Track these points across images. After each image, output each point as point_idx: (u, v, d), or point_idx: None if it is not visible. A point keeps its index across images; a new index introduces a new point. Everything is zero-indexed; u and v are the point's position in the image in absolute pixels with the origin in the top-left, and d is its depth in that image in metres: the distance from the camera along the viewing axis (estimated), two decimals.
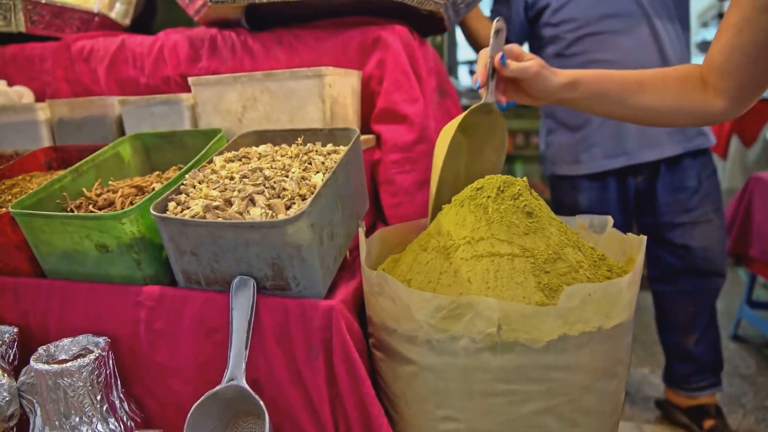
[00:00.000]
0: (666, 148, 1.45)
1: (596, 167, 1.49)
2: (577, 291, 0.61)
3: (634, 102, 0.83)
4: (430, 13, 1.06)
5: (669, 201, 1.50)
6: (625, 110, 0.85)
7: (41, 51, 1.27)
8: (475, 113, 0.84)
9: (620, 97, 0.84)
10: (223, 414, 0.70)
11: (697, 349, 1.60)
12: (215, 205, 0.71)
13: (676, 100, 0.82)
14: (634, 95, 0.83)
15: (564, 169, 1.56)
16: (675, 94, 0.82)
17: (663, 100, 0.82)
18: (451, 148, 0.83)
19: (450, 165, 0.87)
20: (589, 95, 0.84)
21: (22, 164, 1.03)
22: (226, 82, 0.97)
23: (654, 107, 0.83)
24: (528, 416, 0.65)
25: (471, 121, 0.86)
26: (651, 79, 0.83)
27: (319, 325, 0.70)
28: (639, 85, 0.83)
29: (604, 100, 0.84)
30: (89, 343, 0.76)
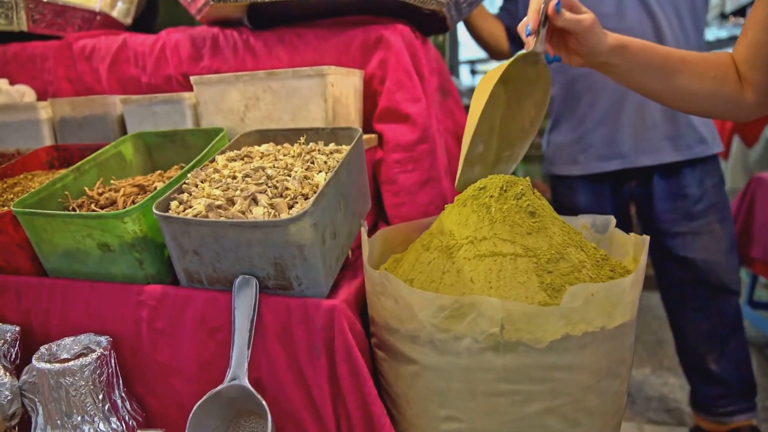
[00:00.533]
0: (662, 154, 1.39)
1: (591, 168, 1.45)
2: (580, 291, 0.61)
3: (674, 80, 0.81)
4: (433, 12, 1.06)
5: (667, 208, 1.44)
6: (664, 87, 0.82)
7: (43, 50, 1.27)
8: (520, 62, 0.79)
9: (663, 72, 0.81)
10: (226, 413, 0.70)
11: (719, 369, 1.48)
12: (218, 205, 0.71)
13: (715, 85, 0.80)
14: (675, 73, 0.80)
15: (561, 169, 1.53)
16: (714, 79, 0.80)
17: (702, 83, 0.80)
18: (490, 98, 0.78)
19: (486, 117, 0.82)
20: (634, 64, 0.81)
21: (24, 163, 1.03)
22: (228, 81, 0.97)
23: (693, 89, 0.80)
24: (531, 416, 0.65)
25: (515, 70, 0.80)
26: (692, 59, 0.81)
27: (322, 325, 0.70)
28: (682, 63, 0.80)
29: (647, 72, 0.81)
30: (91, 342, 0.76)
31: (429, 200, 1.03)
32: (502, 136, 0.82)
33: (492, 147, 0.82)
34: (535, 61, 0.81)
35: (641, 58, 0.80)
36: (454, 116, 1.28)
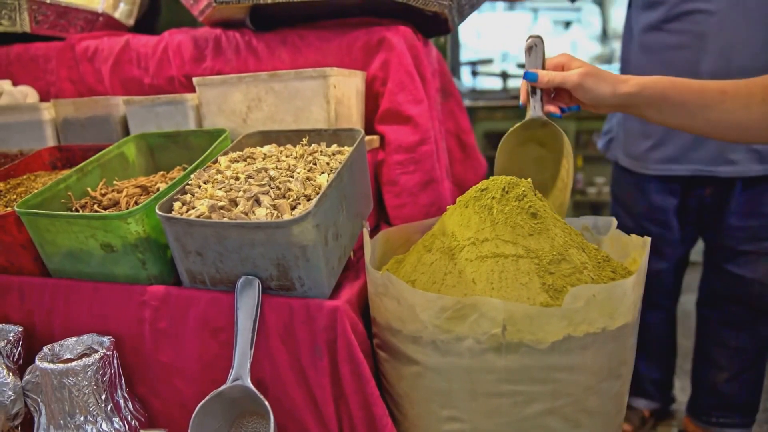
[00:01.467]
0: (743, 167, 1.27)
1: (661, 170, 1.34)
2: (581, 292, 0.61)
3: (714, 114, 0.74)
4: (435, 14, 1.06)
5: (739, 225, 1.33)
6: (704, 123, 0.75)
7: (46, 51, 1.27)
8: (526, 128, 0.85)
9: (700, 107, 0.74)
10: (228, 414, 0.70)
11: (728, 388, 1.44)
12: (220, 205, 0.71)
13: (764, 109, 0.72)
14: (716, 105, 0.73)
15: (628, 162, 1.42)
16: (762, 104, 0.72)
17: (749, 111, 0.72)
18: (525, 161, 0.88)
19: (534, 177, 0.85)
20: (660, 103, 0.75)
21: (27, 164, 1.03)
22: (231, 83, 0.98)
23: (737, 119, 0.73)
24: (532, 417, 0.65)
25: (540, 136, 0.87)
26: (733, 87, 0.74)
27: (324, 326, 0.70)
28: (722, 94, 0.74)
29: (679, 110, 0.75)
30: (94, 343, 0.76)
31: (430, 201, 1.03)
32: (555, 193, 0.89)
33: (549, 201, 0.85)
34: (542, 124, 0.84)
35: (669, 98, 0.75)
36: (456, 117, 1.29)
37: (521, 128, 0.85)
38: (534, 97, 0.83)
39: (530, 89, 0.83)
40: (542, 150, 0.90)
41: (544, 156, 0.90)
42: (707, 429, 1.48)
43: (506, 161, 0.88)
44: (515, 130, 0.85)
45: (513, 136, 0.86)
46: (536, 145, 0.89)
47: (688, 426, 1.55)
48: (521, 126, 0.85)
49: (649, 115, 0.78)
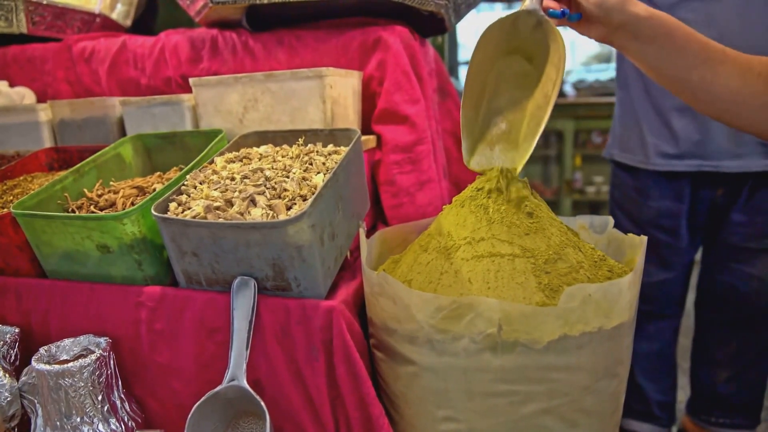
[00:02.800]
0: (750, 161, 1.18)
1: (662, 166, 1.26)
2: (577, 291, 0.61)
3: (713, 73, 0.67)
4: (431, 13, 1.06)
5: (743, 221, 1.26)
6: (699, 80, 0.68)
7: (42, 52, 1.27)
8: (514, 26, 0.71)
9: (700, 60, 0.67)
10: (224, 414, 0.70)
11: (726, 388, 1.39)
12: (216, 206, 0.71)
13: (759, 85, 0.66)
14: (715, 64, 0.67)
15: (625, 157, 1.33)
16: (759, 78, 0.67)
17: (745, 81, 0.67)
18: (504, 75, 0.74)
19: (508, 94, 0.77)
20: (664, 42, 0.68)
21: (24, 165, 1.03)
22: (227, 83, 0.98)
23: (734, 87, 0.67)
24: (528, 417, 0.65)
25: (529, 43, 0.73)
26: (735, 54, 0.68)
27: (320, 326, 0.70)
28: (723, 53, 0.68)
29: (681, 56, 0.68)
30: (90, 344, 0.76)
31: (427, 201, 1.03)
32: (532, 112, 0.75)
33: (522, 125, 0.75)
34: (537, 22, 0.71)
35: (673, 37, 0.67)
36: (453, 117, 1.29)
37: (510, 24, 0.72)
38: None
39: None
40: (528, 66, 0.76)
41: (529, 73, 0.76)
42: (707, 429, 1.45)
43: (481, 73, 0.74)
44: (501, 24, 0.71)
45: (497, 32, 0.72)
46: (522, 58, 0.75)
47: (688, 425, 1.52)
48: (511, 20, 0.71)
49: (646, 51, 0.70)
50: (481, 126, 0.78)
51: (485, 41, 0.73)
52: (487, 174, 0.77)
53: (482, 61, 0.74)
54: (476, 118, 0.77)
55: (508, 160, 0.77)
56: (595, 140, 3.33)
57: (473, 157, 0.78)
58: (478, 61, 0.74)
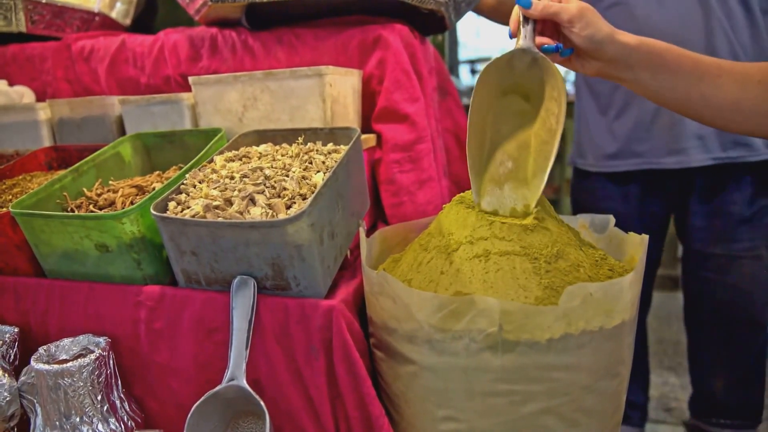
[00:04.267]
0: (688, 156, 1.15)
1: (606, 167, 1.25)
2: (578, 290, 0.61)
3: (711, 87, 0.67)
4: (431, 11, 1.06)
5: (700, 226, 1.23)
6: (699, 97, 0.69)
7: (42, 51, 1.27)
8: (509, 65, 0.72)
9: (695, 77, 0.68)
10: (224, 414, 0.70)
11: (726, 395, 1.35)
12: (215, 205, 0.71)
13: (761, 92, 0.67)
14: (712, 79, 0.68)
15: (581, 162, 1.33)
16: (759, 85, 0.67)
17: (746, 90, 0.67)
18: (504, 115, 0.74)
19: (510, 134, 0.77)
20: (657, 66, 0.68)
21: (23, 164, 1.03)
22: (227, 82, 0.97)
23: (733, 97, 0.67)
24: (529, 416, 0.65)
25: (525, 80, 0.73)
26: (729, 64, 0.69)
27: (320, 325, 0.70)
28: (718, 68, 0.68)
29: (675, 77, 0.68)
30: (90, 343, 0.76)
31: (427, 200, 1.03)
32: (537, 148, 0.75)
33: (528, 162, 0.76)
34: (532, 59, 0.71)
35: (668, 59, 0.68)
36: (453, 116, 1.28)
37: (506, 64, 0.72)
38: (525, 27, 0.70)
39: (522, 18, 0.71)
40: (526, 104, 0.76)
41: (527, 111, 0.77)
42: (709, 429, 1.43)
43: (481, 114, 0.74)
44: (497, 64, 0.72)
45: (494, 73, 0.72)
46: (519, 97, 0.76)
47: (691, 425, 1.51)
48: (506, 59, 0.71)
49: (641, 79, 0.70)
50: (487, 166, 0.77)
51: (483, 82, 0.73)
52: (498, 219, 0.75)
53: (482, 102, 0.74)
54: (481, 158, 0.77)
55: (519, 198, 0.76)
56: None
57: (483, 198, 0.76)
58: (478, 103, 0.73)
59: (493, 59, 0.72)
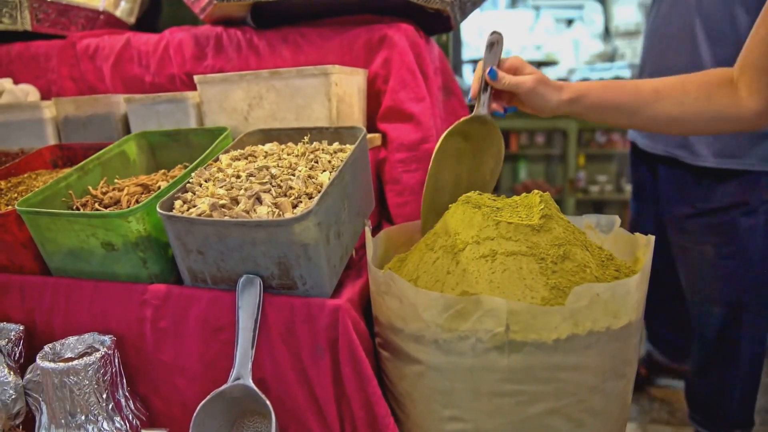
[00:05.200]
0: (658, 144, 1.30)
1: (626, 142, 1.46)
2: (585, 291, 0.61)
3: (650, 112, 0.79)
4: (437, 11, 1.05)
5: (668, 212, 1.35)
6: (644, 121, 0.80)
7: (47, 49, 1.27)
8: (469, 123, 0.85)
9: (635, 108, 0.79)
10: (229, 413, 0.70)
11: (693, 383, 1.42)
12: (222, 204, 0.71)
13: (697, 104, 0.77)
14: (649, 105, 0.79)
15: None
16: (695, 100, 0.77)
17: (682, 107, 0.78)
18: (447, 153, 0.86)
19: (450, 169, 0.90)
20: (599, 108, 0.80)
21: (28, 162, 1.03)
22: (232, 81, 0.97)
23: (673, 115, 0.78)
24: (535, 417, 0.64)
25: (469, 129, 0.86)
26: (668, 86, 0.79)
27: (326, 325, 0.70)
28: (655, 93, 0.79)
29: (616, 112, 0.80)
30: (95, 342, 0.76)
31: None
32: (469, 185, 0.88)
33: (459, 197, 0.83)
34: (484, 122, 0.85)
35: (605, 103, 0.80)
36: (458, 116, 1.28)
37: (471, 121, 0.85)
38: (484, 94, 0.84)
39: (483, 85, 0.83)
40: (464, 143, 0.89)
41: (463, 149, 0.90)
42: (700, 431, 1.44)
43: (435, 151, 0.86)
44: (465, 122, 0.84)
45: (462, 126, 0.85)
46: (460, 137, 0.88)
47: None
48: (470, 119, 0.84)
49: (589, 118, 0.82)
50: (429, 199, 0.87)
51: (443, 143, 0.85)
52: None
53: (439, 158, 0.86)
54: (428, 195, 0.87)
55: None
56: (599, 139, 3.32)
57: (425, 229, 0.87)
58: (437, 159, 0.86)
59: (465, 119, 0.84)
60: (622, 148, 3.29)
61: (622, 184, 3.35)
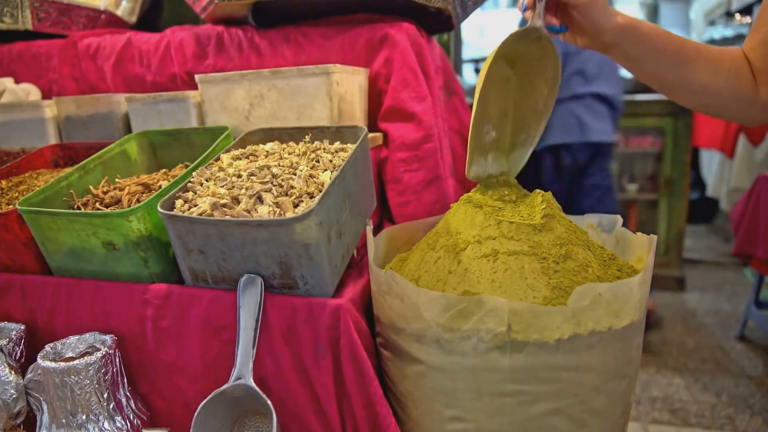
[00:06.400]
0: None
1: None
2: (587, 290, 0.60)
3: (688, 71, 0.74)
4: (438, 10, 1.05)
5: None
6: (677, 78, 0.75)
7: (48, 48, 1.27)
8: (520, 40, 0.73)
9: (676, 61, 0.74)
10: (230, 413, 0.70)
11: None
12: (223, 203, 0.70)
13: (729, 79, 0.74)
14: (690, 63, 0.74)
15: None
16: (728, 72, 0.74)
17: (716, 76, 0.74)
18: (493, 81, 0.73)
19: (495, 102, 0.78)
20: (645, 48, 0.74)
21: (29, 161, 1.03)
22: (233, 80, 0.97)
23: (706, 82, 0.74)
24: (537, 417, 0.64)
25: (519, 51, 0.74)
26: (707, 50, 0.75)
27: (327, 324, 0.70)
28: (696, 52, 0.74)
29: (660, 58, 0.74)
30: (96, 341, 0.76)
31: (434, 199, 1.02)
32: (516, 120, 0.78)
33: (506, 132, 0.79)
34: (537, 37, 0.73)
35: (653, 42, 0.74)
36: (459, 115, 1.28)
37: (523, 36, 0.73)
38: (540, 3, 0.72)
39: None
40: (510, 71, 0.78)
41: (510, 78, 0.79)
42: None
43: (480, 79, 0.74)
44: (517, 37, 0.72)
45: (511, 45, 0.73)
46: (505, 63, 0.77)
47: None
48: (523, 33, 0.73)
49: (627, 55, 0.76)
50: (476, 135, 0.78)
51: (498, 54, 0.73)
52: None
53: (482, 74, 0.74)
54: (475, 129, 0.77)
55: (499, 168, 0.82)
56: None
57: (471, 168, 0.79)
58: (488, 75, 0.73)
59: (517, 31, 0.72)
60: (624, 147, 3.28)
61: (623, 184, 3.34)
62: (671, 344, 2.29)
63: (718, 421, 1.76)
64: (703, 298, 2.81)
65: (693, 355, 2.20)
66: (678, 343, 2.30)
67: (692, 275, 3.10)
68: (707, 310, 2.65)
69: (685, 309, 2.67)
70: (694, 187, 4.10)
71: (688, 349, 2.25)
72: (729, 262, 3.35)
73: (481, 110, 0.75)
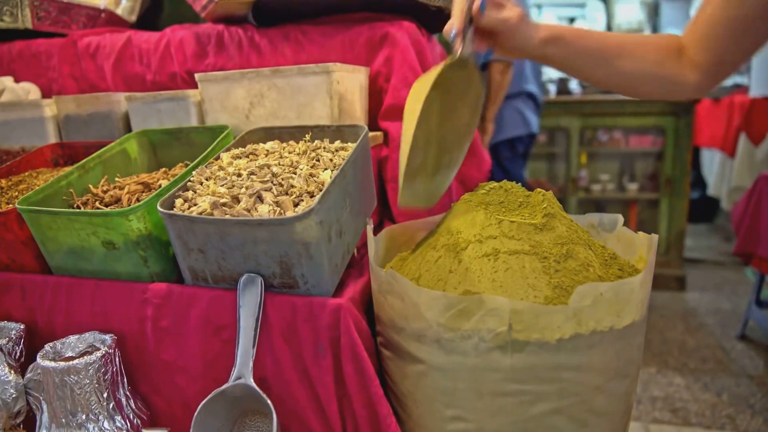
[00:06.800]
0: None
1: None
2: (588, 290, 0.60)
3: (614, 65, 0.80)
4: (439, 9, 1.05)
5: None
6: (604, 73, 0.81)
7: (48, 47, 1.27)
8: (452, 67, 0.71)
9: (601, 59, 0.80)
10: (231, 412, 0.69)
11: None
12: (223, 202, 0.70)
13: (653, 67, 0.79)
14: (614, 59, 0.79)
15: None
16: (652, 62, 0.79)
17: (641, 66, 0.79)
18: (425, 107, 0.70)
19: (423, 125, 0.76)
20: (569, 53, 0.79)
21: (29, 161, 1.02)
22: (233, 79, 0.97)
23: (633, 73, 0.80)
24: (538, 417, 0.64)
25: (445, 76, 0.71)
26: (631, 42, 0.80)
27: (327, 324, 0.69)
28: (619, 47, 0.80)
29: (585, 59, 0.80)
30: (96, 341, 0.76)
31: None
32: (439, 144, 0.78)
33: (430, 155, 0.78)
34: (464, 65, 0.73)
35: (576, 46, 0.79)
36: None
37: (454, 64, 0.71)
38: (469, 31, 0.72)
39: (468, 21, 0.71)
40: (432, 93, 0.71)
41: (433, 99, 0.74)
42: None
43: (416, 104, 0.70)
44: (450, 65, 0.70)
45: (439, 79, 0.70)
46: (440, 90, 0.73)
47: None
48: (455, 62, 0.71)
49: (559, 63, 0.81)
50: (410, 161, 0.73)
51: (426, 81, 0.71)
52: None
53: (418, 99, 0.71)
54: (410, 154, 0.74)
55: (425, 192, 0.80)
56: (601, 138, 3.31)
57: (402, 194, 0.74)
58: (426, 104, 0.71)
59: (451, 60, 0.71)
60: (625, 146, 3.28)
61: (624, 183, 3.34)
62: (671, 344, 2.29)
63: (718, 421, 1.76)
64: (703, 297, 2.81)
65: (694, 355, 2.20)
66: (679, 343, 2.30)
67: (693, 274, 3.10)
68: (708, 309, 2.65)
69: (686, 308, 2.67)
70: (695, 187, 4.10)
71: (689, 348, 2.25)
72: (730, 262, 3.35)
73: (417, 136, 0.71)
